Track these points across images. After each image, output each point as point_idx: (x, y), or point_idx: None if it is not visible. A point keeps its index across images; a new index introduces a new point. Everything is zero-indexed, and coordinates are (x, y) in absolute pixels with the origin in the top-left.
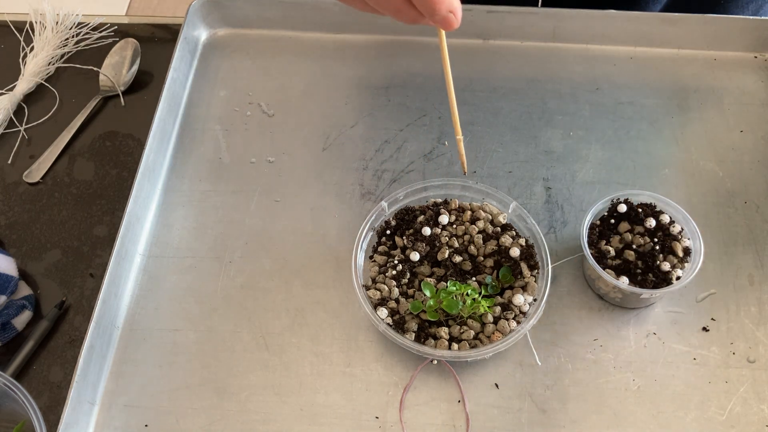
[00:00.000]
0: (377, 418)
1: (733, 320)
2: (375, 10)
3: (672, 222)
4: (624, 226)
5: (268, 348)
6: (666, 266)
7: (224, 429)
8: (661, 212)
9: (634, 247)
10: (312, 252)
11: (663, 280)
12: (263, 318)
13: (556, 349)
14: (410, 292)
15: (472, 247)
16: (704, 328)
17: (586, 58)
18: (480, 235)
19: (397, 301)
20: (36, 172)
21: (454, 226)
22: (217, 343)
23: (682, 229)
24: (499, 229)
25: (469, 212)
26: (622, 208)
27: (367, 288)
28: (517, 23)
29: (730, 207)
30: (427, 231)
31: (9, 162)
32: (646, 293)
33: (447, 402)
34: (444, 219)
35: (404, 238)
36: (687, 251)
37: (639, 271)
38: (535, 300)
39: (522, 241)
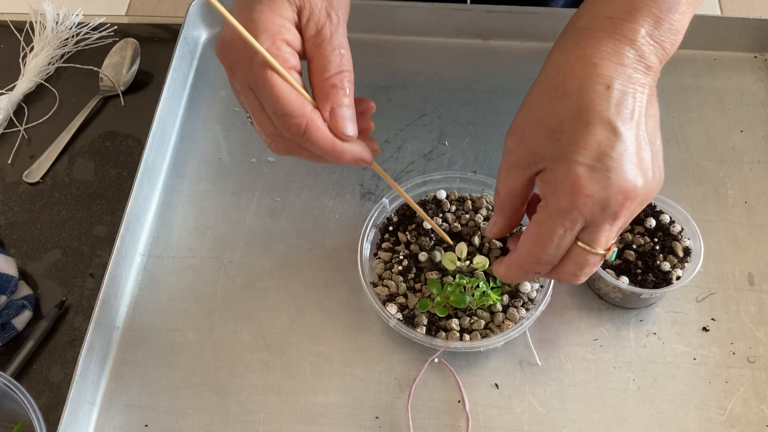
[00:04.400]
0: (377, 418)
1: (733, 320)
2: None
3: (672, 222)
4: None
5: (268, 348)
6: (666, 266)
7: (224, 429)
8: (661, 212)
9: (634, 247)
10: (312, 252)
11: (663, 280)
12: (263, 318)
13: (556, 349)
14: (417, 286)
15: (477, 238)
16: (704, 328)
17: None
18: (485, 223)
19: (405, 296)
20: (36, 172)
21: (458, 212)
22: (217, 343)
23: (682, 229)
24: None
25: (469, 202)
26: None
27: (375, 285)
28: (517, 23)
29: (730, 207)
30: (428, 224)
31: (9, 162)
32: (646, 293)
33: (447, 402)
34: (442, 194)
35: (407, 233)
36: (687, 251)
37: (639, 271)
38: (542, 286)
39: (524, 230)
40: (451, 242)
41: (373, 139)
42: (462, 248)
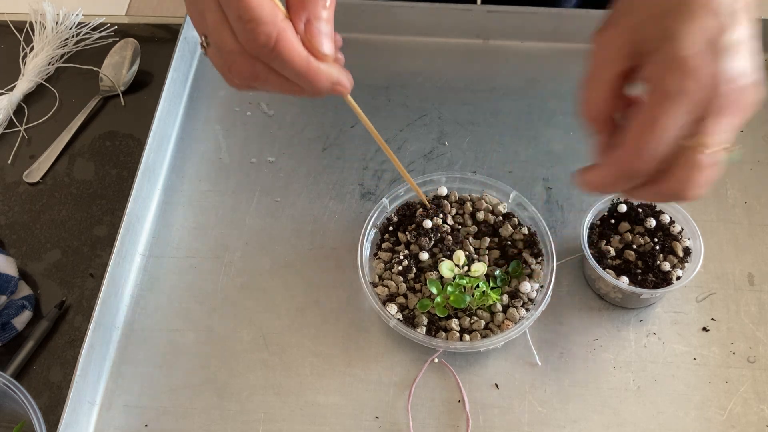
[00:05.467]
0: (377, 418)
1: (733, 320)
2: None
3: (672, 222)
4: (624, 226)
5: (268, 348)
6: (666, 266)
7: (224, 429)
8: (661, 212)
9: (634, 247)
10: (312, 252)
11: (663, 280)
12: (263, 318)
13: (556, 349)
14: (417, 286)
15: (471, 244)
16: (704, 328)
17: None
18: (482, 226)
19: (405, 296)
20: (36, 172)
21: (456, 216)
22: (217, 343)
23: (682, 229)
24: (500, 218)
25: (469, 203)
26: (623, 208)
27: (375, 285)
28: (517, 23)
29: (730, 207)
30: (428, 224)
31: (9, 162)
32: (646, 293)
33: (447, 402)
34: (443, 190)
35: (407, 233)
36: (687, 251)
37: (639, 271)
38: (542, 287)
39: (524, 230)
40: (429, 205)
41: (347, 70)
42: (459, 255)
